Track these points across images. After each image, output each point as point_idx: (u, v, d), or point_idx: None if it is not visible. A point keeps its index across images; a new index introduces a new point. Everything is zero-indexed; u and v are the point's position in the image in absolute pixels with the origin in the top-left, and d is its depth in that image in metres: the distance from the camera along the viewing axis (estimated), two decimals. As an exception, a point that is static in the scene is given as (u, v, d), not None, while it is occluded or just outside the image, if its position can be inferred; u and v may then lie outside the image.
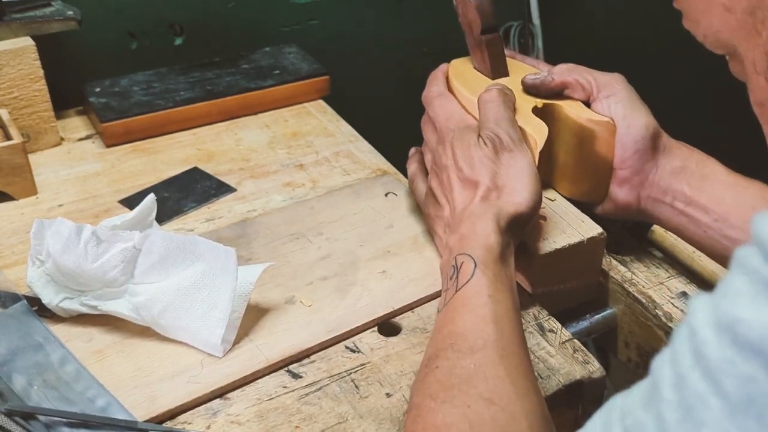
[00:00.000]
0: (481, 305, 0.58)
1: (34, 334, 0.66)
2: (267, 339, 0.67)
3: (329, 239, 0.78)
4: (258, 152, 0.95)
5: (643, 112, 0.72)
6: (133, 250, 0.65)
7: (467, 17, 0.77)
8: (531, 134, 0.70)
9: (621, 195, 0.73)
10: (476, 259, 0.60)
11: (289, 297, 0.71)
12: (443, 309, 0.60)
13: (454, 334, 0.57)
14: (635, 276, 0.74)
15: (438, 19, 1.34)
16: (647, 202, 0.72)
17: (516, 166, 0.65)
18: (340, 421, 0.60)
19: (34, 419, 0.58)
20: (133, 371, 0.64)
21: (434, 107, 0.75)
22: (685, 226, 0.70)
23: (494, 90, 0.71)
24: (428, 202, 0.72)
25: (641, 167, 0.71)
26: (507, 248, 0.63)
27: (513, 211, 0.64)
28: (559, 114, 0.74)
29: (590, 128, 0.72)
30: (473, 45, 0.79)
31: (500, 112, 0.69)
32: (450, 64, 0.81)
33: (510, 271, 0.62)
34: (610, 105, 0.72)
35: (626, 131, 0.71)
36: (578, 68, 0.75)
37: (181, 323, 0.65)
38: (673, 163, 0.71)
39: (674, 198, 0.70)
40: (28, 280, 0.68)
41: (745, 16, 0.43)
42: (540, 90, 0.75)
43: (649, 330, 0.70)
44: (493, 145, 0.66)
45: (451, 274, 0.61)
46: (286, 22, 1.20)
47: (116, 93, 1.00)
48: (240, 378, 0.63)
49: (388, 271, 0.74)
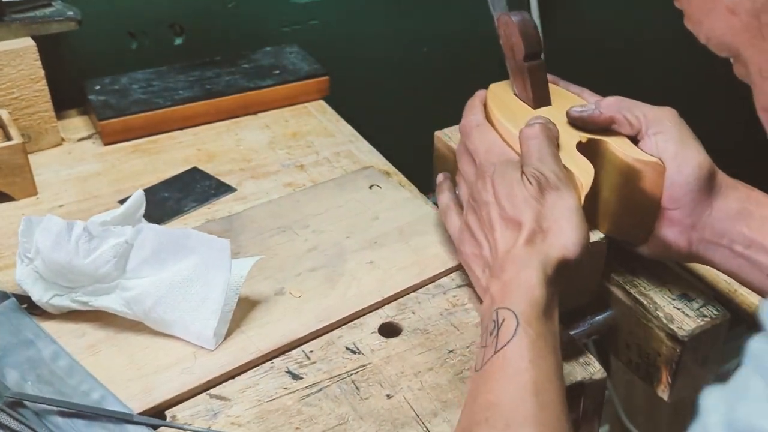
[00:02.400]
0: (522, 371, 0.54)
1: (24, 330, 0.66)
2: (258, 330, 0.67)
3: (315, 231, 0.79)
4: (258, 152, 0.95)
5: (696, 149, 0.67)
6: (125, 245, 0.65)
7: (510, 41, 0.73)
8: (577, 175, 0.67)
9: (670, 236, 0.69)
10: (519, 316, 0.56)
11: (278, 289, 0.72)
12: (480, 370, 0.56)
13: (491, 406, 0.53)
14: (636, 277, 0.74)
15: (438, 19, 1.34)
16: (700, 245, 0.68)
17: (562, 206, 0.62)
18: (341, 423, 0.60)
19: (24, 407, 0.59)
20: (126, 364, 0.64)
21: (473, 139, 0.71)
22: (743, 269, 0.66)
23: (537, 125, 0.67)
24: (464, 238, 0.69)
25: (694, 208, 0.67)
26: (552, 301, 0.59)
27: (559, 255, 0.60)
28: (604, 150, 0.70)
29: (637, 168, 0.68)
30: (515, 70, 0.75)
31: (544, 148, 0.65)
32: (488, 89, 0.77)
33: (554, 327, 0.58)
34: (659, 142, 0.68)
35: (677, 170, 0.66)
36: (627, 102, 0.71)
37: (173, 317, 0.65)
38: (731, 204, 0.66)
39: (732, 241, 0.66)
40: (17, 278, 0.68)
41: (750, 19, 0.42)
42: (586, 124, 0.71)
43: (650, 331, 0.70)
44: (538, 183, 0.63)
45: (492, 330, 0.57)
46: (286, 22, 1.20)
47: (115, 91, 1.00)
48: (234, 368, 0.64)
49: (375, 261, 0.75)
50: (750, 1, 0.41)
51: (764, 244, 0.64)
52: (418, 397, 0.63)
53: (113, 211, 0.71)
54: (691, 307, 0.70)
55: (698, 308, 0.70)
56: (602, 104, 0.71)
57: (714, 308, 0.70)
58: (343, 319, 0.69)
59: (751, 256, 0.65)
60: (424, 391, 0.63)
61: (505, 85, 0.78)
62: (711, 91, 1.67)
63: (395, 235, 0.79)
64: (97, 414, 0.59)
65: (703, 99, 1.63)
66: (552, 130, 0.68)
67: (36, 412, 0.59)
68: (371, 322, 0.70)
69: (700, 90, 1.68)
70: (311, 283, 0.73)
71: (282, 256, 0.76)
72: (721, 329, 0.70)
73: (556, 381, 0.55)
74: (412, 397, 0.63)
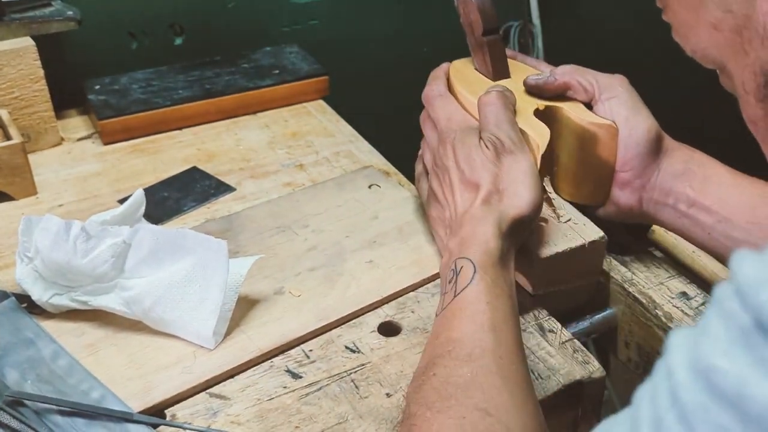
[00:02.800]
0: (480, 312, 0.57)
1: (24, 330, 0.66)
2: (258, 329, 0.68)
3: (315, 231, 0.79)
4: (258, 152, 0.95)
5: (645, 114, 0.72)
6: (122, 245, 0.65)
7: (468, 18, 0.77)
8: (533, 137, 0.70)
9: (623, 198, 0.73)
10: (476, 264, 0.60)
11: (278, 288, 0.72)
12: (441, 313, 0.60)
13: (452, 341, 0.56)
14: (635, 276, 0.74)
15: (438, 19, 1.34)
16: (649, 205, 0.72)
17: (518, 169, 0.65)
18: (340, 422, 0.60)
19: (25, 406, 0.59)
20: (126, 364, 0.64)
21: (435, 107, 0.74)
22: (688, 228, 0.70)
23: (494, 92, 0.70)
24: (430, 202, 0.72)
25: (643, 170, 0.71)
26: (507, 252, 0.63)
27: (514, 214, 0.63)
28: (560, 116, 0.74)
29: (592, 131, 0.72)
30: (474, 46, 0.79)
31: (501, 114, 0.68)
32: (451, 64, 0.81)
33: (510, 276, 0.62)
34: (612, 107, 0.72)
35: (628, 134, 0.71)
36: (580, 69, 0.75)
37: (172, 316, 0.65)
38: (675, 166, 0.71)
39: (677, 200, 0.70)
40: (17, 278, 0.68)
41: (733, 35, 0.42)
42: (542, 90, 0.74)
43: (649, 330, 0.70)
44: (495, 147, 0.66)
45: (450, 278, 0.61)
46: (286, 22, 1.20)
47: (115, 91, 1.00)
48: (233, 367, 0.64)
49: (374, 260, 0.76)
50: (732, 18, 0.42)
51: (705, 204, 0.68)
52: (418, 395, 0.63)
53: (113, 211, 0.71)
54: (689, 305, 0.70)
55: (697, 307, 0.70)
56: (557, 71, 0.75)
57: (713, 307, 0.70)
58: (343, 318, 0.69)
59: (693, 215, 0.69)
60: (424, 390, 0.63)
61: (466, 61, 0.82)
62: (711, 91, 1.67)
63: (394, 234, 0.79)
64: (97, 413, 0.59)
65: (703, 98, 1.63)
66: (509, 97, 0.71)
67: (36, 411, 0.59)
68: (371, 321, 0.70)
69: (701, 90, 1.67)
70: (311, 282, 0.73)
71: (281, 256, 0.76)
72: (720, 328, 0.70)
73: (513, 324, 0.59)
74: (411, 396, 0.63)
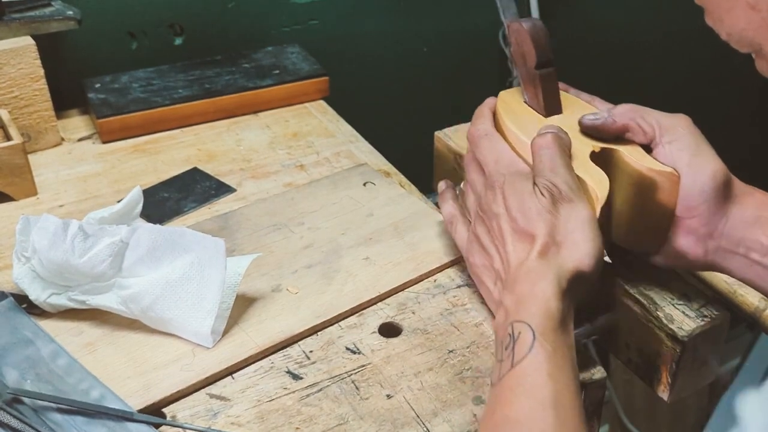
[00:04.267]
0: (540, 386, 0.53)
1: (23, 330, 0.66)
2: (256, 326, 0.68)
3: (311, 229, 0.80)
4: (258, 152, 0.95)
5: (711, 158, 0.66)
6: (120, 244, 0.66)
7: (521, 48, 0.72)
8: (592, 187, 0.65)
9: (686, 246, 0.67)
10: (535, 329, 0.55)
11: (275, 285, 0.72)
12: (497, 384, 0.56)
13: (509, 422, 0.52)
14: (636, 277, 0.74)
15: (438, 19, 1.34)
16: (716, 254, 0.66)
17: (576, 218, 0.61)
18: (341, 423, 0.60)
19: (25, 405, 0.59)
20: (125, 362, 0.64)
21: (482, 148, 0.70)
22: (761, 276, 0.65)
23: (549, 135, 0.66)
24: (473, 249, 0.68)
25: (709, 218, 0.65)
26: (567, 314, 0.58)
27: (574, 268, 0.59)
28: (617, 161, 0.68)
29: (651, 178, 0.66)
30: (525, 78, 0.74)
31: (557, 159, 0.64)
32: (498, 96, 0.76)
33: (570, 340, 0.58)
34: (674, 151, 0.66)
35: (693, 180, 0.65)
36: (640, 109, 0.69)
37: (170, 315, 0.65)
38: (747, 212, 0.65)
39: (748, 249, 0.64)
40: (15, 277, 0.68)
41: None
42: (599, 132, 0.69)
43: (650, 332, 0.70)
44: (551, 195, 0.61)
45: (507, 344, 0.56)
46: (286, 22, 1.20)
47: (115, 89, 1.00)
48: (232, 365, 0.64)
49: (371, 257, 0.76)
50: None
51: None
52: (418, 397, 0.63)
53: (111, 208, 0.71)
54: (691, 307, 0.70)
55: (698, 308, 0.70)
56: (615, 112, 0.69)
57: (714, 308, 0.70)
58: (341, 314, 0.70)
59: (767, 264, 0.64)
60: (424, 392, 0.63)
61: (515, 92, 0.76)
62: (711, 90, 1.67)
63: (390, 231, 0.79)
64: (98, 412, 0.59)
65: (703, 98, 1.63)
66: (564, 139, 0.67)
67: (36, 409, 0.59)
68: (371, 322, 0.70)
69: (701, 90, 1.68)
70: (308, 279, 0.73)
71: (278, 254, 0.76)
72: (721, 329, 0.70)
73: (574, 394, 0.54)
74: (412, 397, 0.63)
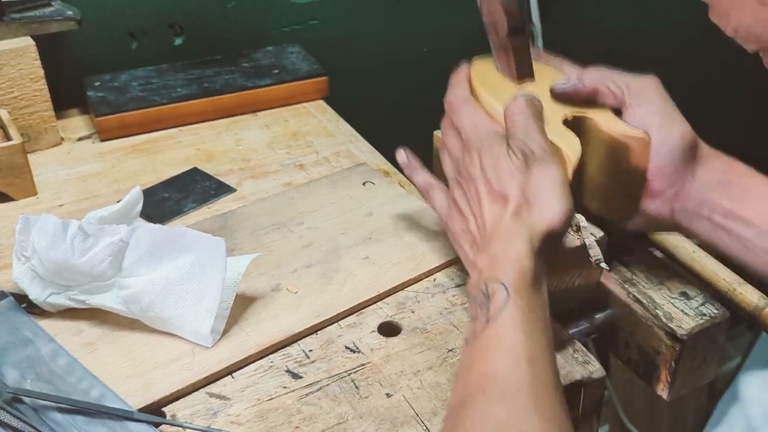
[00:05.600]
0: (515, 342, 0.54)
1: (22, 329, 0.66)
2: (256, 326, 0.68)
3: (310, 228, 0.80)
4: (258, 152, 0.95)
5: (679, 120, 0.67)
6: (120, 244, 0.66)
7: (492, 17, 0.72)
8: (565, 150, 0.66)
9: (653, 208, 0.68)
10: (509, 287, 0.56)
11: (275, 285, 0.72)
12: (473, 342, 0.56)
13: (486, 377, 0.53)
14: (635, 276, 0.74)
15: (438, 18, 1.34)
16: (682, 215, 0.68)
17: (548, 178, 0.61)
18: (340, 422, 0.61)
19: (25, 405, 0.59)
20: (125, 361, 0.64)
21: (460, 114, 0.70)
22: (723, 240, 0.66)
23: (522, 100, 0.67)
24: (452, 214, 0.68)
25: (677, 179, 0.67)
26: (540, 272, 0.59)
27: (545, 227, 0.60)
28: (589, 126, 0.69)
29: (624, 142, 0.67)
30: (498, 47, 0.74)
31: (530, 123, 0.65)
32: (471, 65, 0.76)
33: (544, 298, 0.59)
34: (644, 113, 0.67)
35: (661, 141, 0.66)
36: (609, 73, 0.70)
37: (170, 314, 0.65)
38: (712, 175, 0.66)
39: (712, 211, 0.66)
40: (14, 277, 0.68)
41: None
42: (571, 98, 0.70)
43: (650, 330, 0.70)
44: (524, 156, 0.62)
45: (481, 302, 0.57)
46: (286, 22, 1.20)
47: (114, 88, 1.00)
48: (232, 364, 0.65)
49: (370, 257, 0.76)
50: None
51: (743, 216, 0.64)
52: (418, 396, 0.63)
53: (110, 207, 0.71)
54: (690, 305, 0.70)
55: (697, 307, 0.70)
56: (585, 77, 0.70)
57: (713, 307, 0.70)
58: (340, 314, 0.70)
59: (730, 227, 0.65)
60: (424, 390, 0.63)
61: (487, 60, 0.77)
62: (711, 90, 1.67)
63: (389, 230, 0.80)
64: (98, 411, 0.59)
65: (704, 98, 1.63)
66: (537, 105, 0.68)
67: (36, 409, 0.59)
68: (371, 321, 0.70)
69: (701, 89, 1.68)
70: (307, 279, 0.73)
71: (277, 253, 0.76)
72: (720, 328, 0.70)
73: (549, 350, 0.55)
74: (411, 396, 0.63)
